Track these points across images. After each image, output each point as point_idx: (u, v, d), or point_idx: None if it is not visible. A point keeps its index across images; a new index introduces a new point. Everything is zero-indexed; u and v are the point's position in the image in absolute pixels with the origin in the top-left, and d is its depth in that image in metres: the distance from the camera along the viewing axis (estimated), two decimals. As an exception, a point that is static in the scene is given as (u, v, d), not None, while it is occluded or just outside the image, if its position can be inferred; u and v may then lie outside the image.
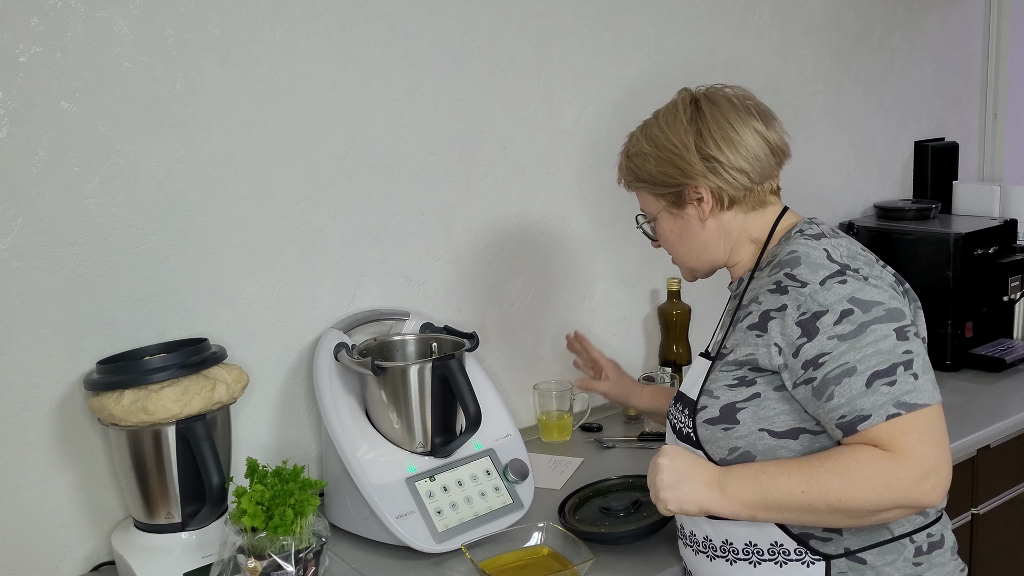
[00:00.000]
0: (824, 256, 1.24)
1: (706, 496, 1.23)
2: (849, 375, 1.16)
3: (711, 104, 1.34)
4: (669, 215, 1.40)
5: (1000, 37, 3.13)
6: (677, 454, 1.28)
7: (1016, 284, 2.47)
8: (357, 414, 1.65)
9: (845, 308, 1.18)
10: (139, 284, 1.57)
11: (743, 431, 1.26)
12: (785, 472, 1.19)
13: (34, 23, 1.43)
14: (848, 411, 1.17)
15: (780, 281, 1.24)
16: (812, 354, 1.19)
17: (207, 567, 1.45)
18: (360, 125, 1.79)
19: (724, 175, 1.32)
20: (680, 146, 1.34)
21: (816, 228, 1.33)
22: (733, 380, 1.28)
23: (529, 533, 1.53)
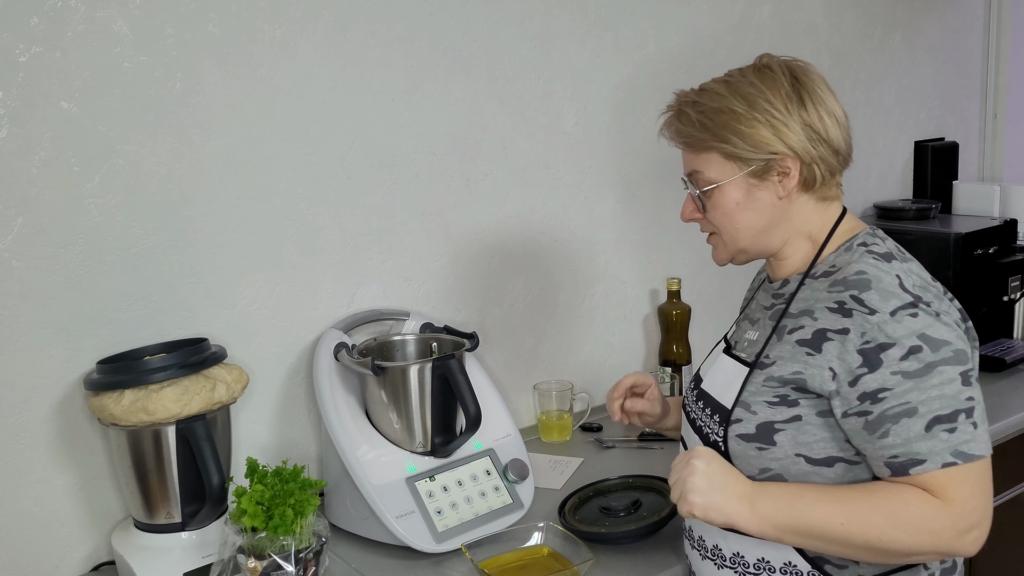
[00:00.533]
0: (896, 283, 1.16)
1: (735, 510, 1.16)
2: (909, 416, 1.11)
3: (808, 76, 1.25)
4: (743, 183, 1.25)
5: (1000, 37, 3.13)
6: (713, 459, 1.20)
7: (1016, 284, 2.47)
8: (357, 414, 1.65)
9: (914, 344, 1.12)
10: (139, 284, 1.57)
11: (778, 454, 1.20)
12: (825, 500, 1.14)
13: (34, 23, 1.43)
14: (902, 452, 1.12)
15: (844, 302, 1.16)
16: (872, 387, 1.13)
17: (207, 567, 1.45)
18: (360, 125, 1.79)
19: (821, 148, 1.23)
20: (782, 109, 1.21)
21: (883, 245, 1.24)
22: (774, 397, 1.21)
23: (529, 533, 1.53)
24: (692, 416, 1.36)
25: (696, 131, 1.26)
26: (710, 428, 1.29)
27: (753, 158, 1.23)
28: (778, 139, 1.22)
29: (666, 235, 2.31)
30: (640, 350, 2.32)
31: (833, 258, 1.26)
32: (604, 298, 2.23)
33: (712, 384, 1.33)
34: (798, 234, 1.29)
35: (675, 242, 2.33)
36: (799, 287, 1.27)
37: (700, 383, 1.38)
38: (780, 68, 1.25)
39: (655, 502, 1.63)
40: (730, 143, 1.23)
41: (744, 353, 1.31)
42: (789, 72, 1.25)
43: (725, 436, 1.25)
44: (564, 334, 2.17)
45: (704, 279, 2.40)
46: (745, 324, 1.38)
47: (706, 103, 1.26)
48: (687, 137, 1.29)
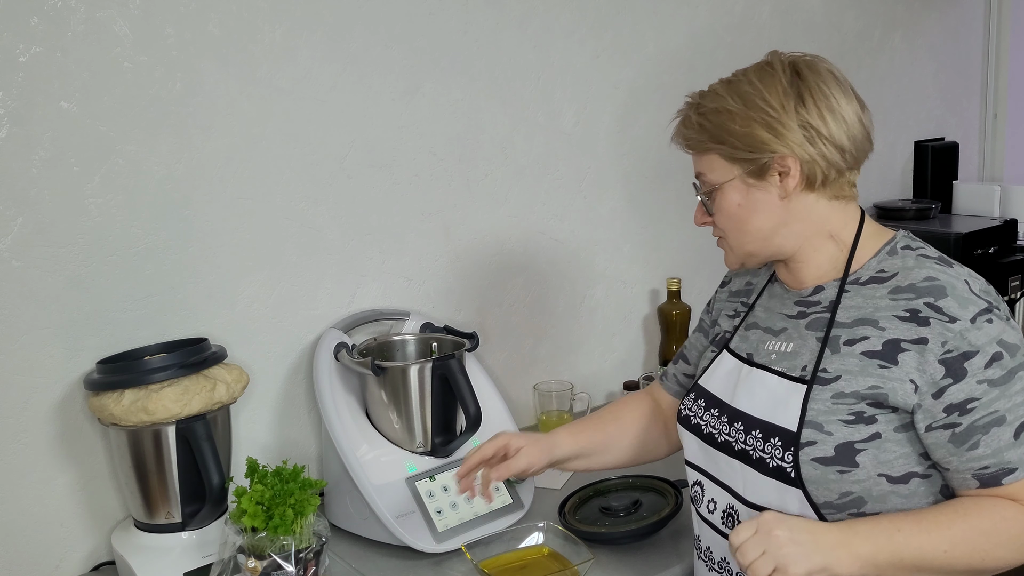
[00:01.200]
0: (967, 289, 1.13)
1: (835, 560, 1.08)
2: (998, 424, 1.09)
3: (813, 72, 1.21)
4: (742, 185, 1.22)
5: (1000, 37, 3.13)
6: (792, 522, 1.10)
7: (1016, 284, 2.47)
8: (357, 414, 1.65)
9: (996, 351, 1.10)
10: (139, 284, 1.57)
11: (861, 475, 1.14)
12: (924, 530, 1.10)
13: (34, 23, 1.43)
14: (993, 463, 1.10)
15: (918, 310, 1.13)
16: (960, 398, 1.10)
17: (207, 567, 1.45)
18: (360, 125, 1.79)
19: (821, 147, 1.18)
20: (778, 107, 1.18)
21: (931, 250, 1.21)
22: (849, 415, 1.15)
23: (529, 533, 1.53)
24: (723, 439, 1.27)
25: (696, 133, 1.25)
26: (766, 453, 1.20)
27: (750, 158, 1.20)
28: (774, 138, 1.18)
29: (666, 235, 2.31)
30: (640, 350, 2.32)
31: (876, 263, 1.21)
32: (604, 298, 2.23)
33: (750, 403, 1.25)
34: (816, 234, 1.23)
35: (675, 242, 2.33)
36: (840, 293, 1.22)
37: (726, 404, 1.29)
38: (781, 65, 1.22)
39: (655, 502, 1.63)
40: (727, 143, 1.21)
41: (782, 367, 1.24)
42: (791, 68, 1.21)
43: (796, 461, 1.16)
44: (564, 334, 2.17)
45: (704, 279, 2.40)
46: (758, 335, 1.31)
47: (706, 104, 1.24)
48: (688, 139, 1.27)
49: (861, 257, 1.23)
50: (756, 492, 1.22)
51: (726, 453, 1.26)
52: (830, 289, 1.23)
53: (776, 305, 1.31)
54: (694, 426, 1.33)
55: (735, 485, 1.26)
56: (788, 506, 1.18)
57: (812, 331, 1.22)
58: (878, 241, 1.23)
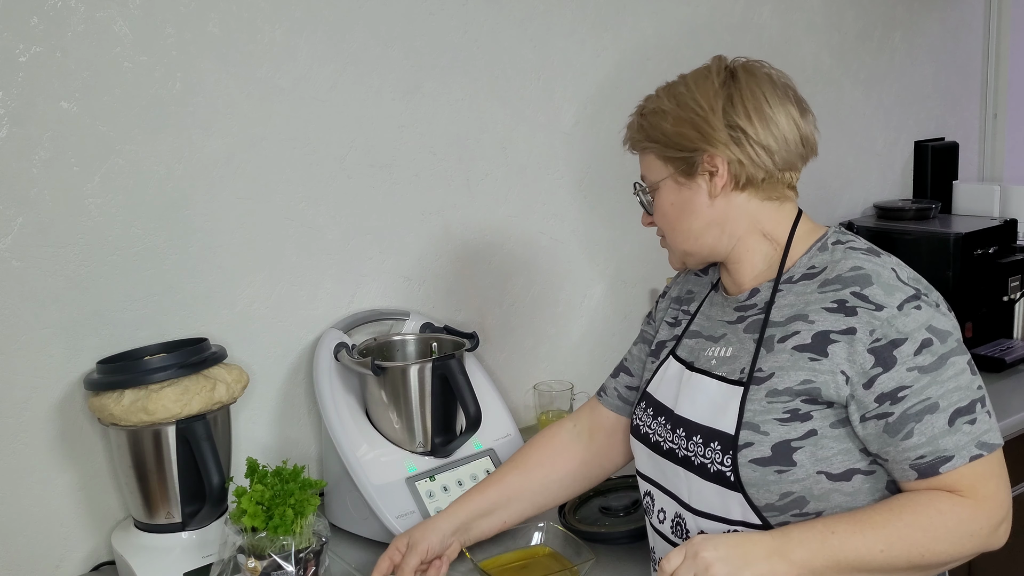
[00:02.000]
0: (894, 276, 1.14)
1: (769, 570, 1.07)
2: (931, 412, 1.09)
3: (749, 75, 1.22)
4: (675, 184, 1.25)
5: (1000, 37, 3.13)
6: (719, 542, 1.10)
7: (1016, 284, 2.47)
8: (357, 414, 1.65)
9: (925, 337, 1.10)
10: (139, 284, 1.57)
11: (800, 474, 1.13)
12: (859, 530, 1.09)
13: (34, 23, 1.43)
14: (929, 451, 1.09)
15: (845, 300, 1.13)
16: (890, 387, 1.10)
17: (207, 567, 1.45)
18: (360, 125, 1.79)
19: (747, 149, 1.19)
20: (706, 108, 1.20)
21: (861, 242, 1.22)
22: (784, 413, 1.14)
23: (529, 533, 1.53)
24: (668, 446, 1.26)
25: (636, 133, 1.29)
26: (708, 458, 1.19)
27: (680, 156, 1.23)
28: (701, 137, 1.20)
29: (666, 235, 2.31)
30: (640, 350, 2.32)
31: (807, 260, 1.22)
32: (604, 298, 2.23)
33: (691, 408, 1.24)
34: (749, 233, 1.24)
35: (675, 242, 2.33)
36: (774, 293, 1.22)
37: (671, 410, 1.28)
38: (717, 68, 1.24)
39: (655, 502, 1.63)
40: (660, 142, 1.24)
41: (724, 371, 1.23)
42: (727, 71, 1.23)
43: (735, 464, 1.15)
44: (564, 334, 2.17)
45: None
46: (699, 342, 1.30)
47: (647, 106, 1.28)
48: (631, 139, 1.31)
49: (794, 255, 1.23)
50: (700, 499, 1.22)
51: (671, 460, 1.26)
52: (765, 290, 1.24)
53: (716, 313, 1.31)
54: (643, 435, 1.33)
55: (680, 493, 1.25)
56: (731, 511, 1.18)
57: (749, 333, 1.23)
58: (811, 238, 1.24)
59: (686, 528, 1.25)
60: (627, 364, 1.49)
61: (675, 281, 1.46)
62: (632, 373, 1.47)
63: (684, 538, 1.25)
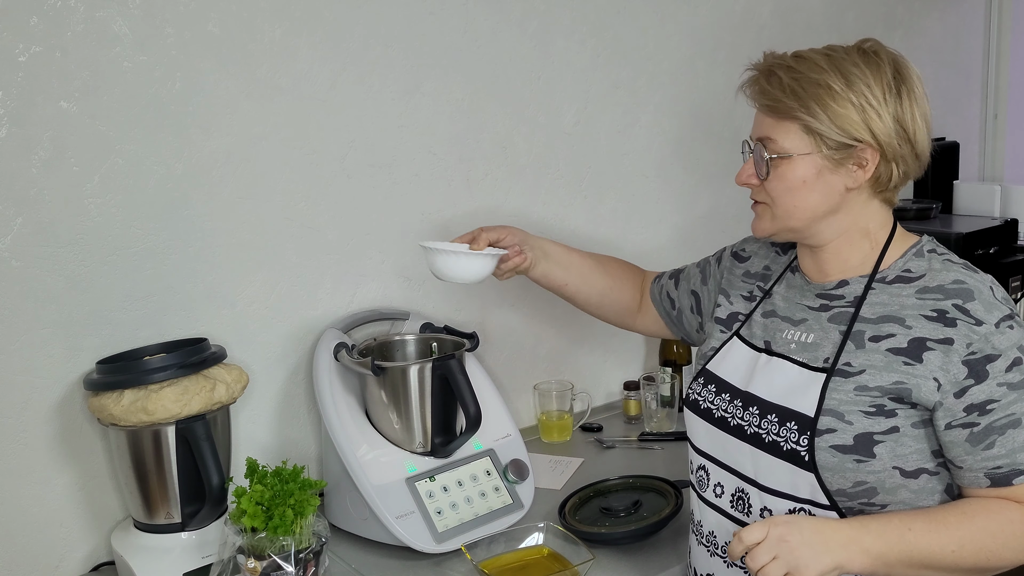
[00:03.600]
0: (991, 295, 1.17)
1: (847, 558, 1.10)
2: (1015, 427, 1.13)
3: (908, 72, 1.19)
4: (816, 162, 1.19)
5: (1000, 37, 3.13)
6: (802, 523, 1.12)
7: (1016, 284, 2.47)
8: (357, 414, 1.65)
9: (1016, 356, 1.14)
10: (139, 284, 1.57)
11: (877, 466, 1.16)
12: (934, 529, 1.13)
13: (34, 23, 1.43)
14: (1006, 463, 1.14)
15: (946, 311, 1.16)
16: (980, 399, 1.14)
17: (207, 567, 1.45)
18: (360, 125, 1.79)
19: (906, 156, 1.19)
20: (880, 98, 1.16)
21: (955, 256, 1.25)
22: (870, 407, 1.17)
23: (529, 533, 1.53)
24: (735, 422, 1.28)
25: (785, 96, 1.19)
26: (781, 436, 1.21)
27: (835, 139, 1.17)
28: (866, 126, 1.16)
29: (666, 235, 2.31)
30: (640, 350, 2.32)
31: (903, 263, 1.24)
32: (604, 298, 2.23)
33: (768, 389, 1.26)
34: (856, 229, 1.24)
35: (675, 242, 2.33)
36: (867, 290, 1.23)
37: (739, 388, 1.30)
38: (887, 56, 1.20)
39: (655, 502, 1.63)
40: (817, 118, 1.17)
41: (803, 357, 1.25)
42: (893, 63, 1.20)
43: (811, 446, 1.17)
44: (564, 334, 2.17)
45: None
46: (776, 323, 1.31)
47: (803, 71, 1.19)
48: (773, 100, 1.21)
49: (890, 257, 1.25)
50: (769, 475, 1.24)
51: (737, 437, 1.28)
52: (855, 284, 1.25)
53: (795, 295, 1.32)
54: (703, 411, 1.34)
55: (744, 469, 1.27)
56: (800, 489, 1.20)
57: (835, 324, 1.24)
58: (905, 243, 1.26)
59: (749, 503, 1.27)
60: (680, 277, 1.61)
61: (751, 251, 1.46)
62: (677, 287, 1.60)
63: (746, 513, 1.28)
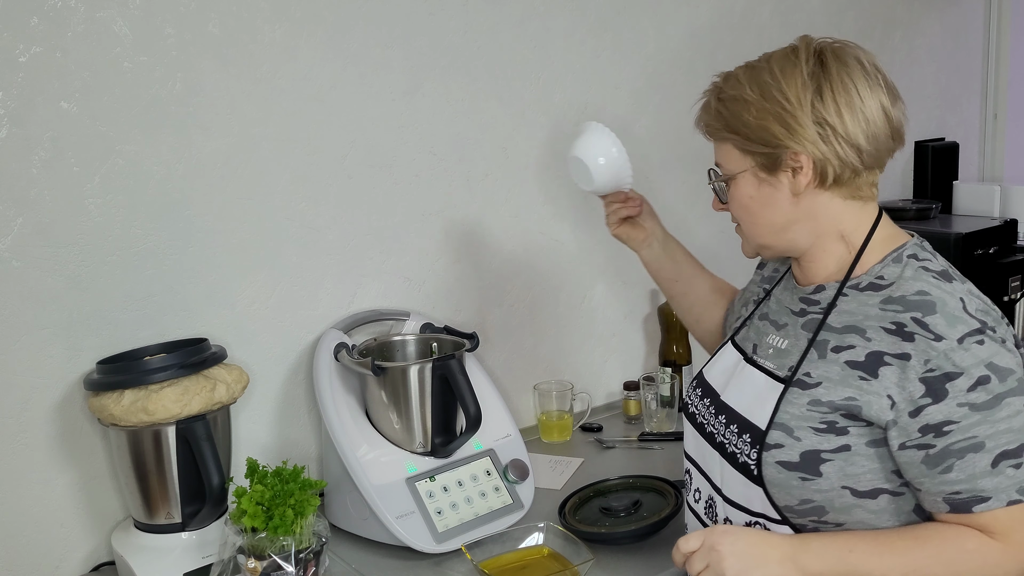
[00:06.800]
0: (961, 307, 1.08)
1: (779, 574, 1.08)
2: (975, 451, 1.05)
3: (839, 62, 1.14)
4: (754, 179, 1.19)
5: (1000, 37, 3.13)
6: (738, 537, 1.11)
7: (1016, 284, 2.47)
8: (357, 414, 1.65)
9: (982, 374, 1.05)
10: (139, 284, 1.57)
11: (824, 485, 1.12)
12: (879, 552, 1.08)
13: (34, 23, 1.43)
14: (965, 489, 1.06)
15: (904, 324, 1.09)
16: (937, 419, 1.06)
17: (207, 567, 1.45)
18: (360, 125, 1.79)
19: (835, 146, 1.13)
20: (794, 102, 1.13)
21: (936, 262, 1.16)
22: (821, 424, 1.12)
23: (529, 533, 1.53)
24: (709, 429, 1.28)
25: (714, 120, 1.21)
26: (738, 448, 1.20)
27: (762, 152, 1.16)
28: (788, 133, 1.14)
29: (666, 235, 2.31)
30: (640, 350, 2.32)
31: (880, 268, 1.17)
32: (604, 298, 2.23)
33: (737, 398, 1.24)
34: (828, 234, 1.20)
35: (675, 242, 2.33)
36: (837, 296, 1.18)
37: (718, 395, 1.29)
38: (807, 52, 1.16)
39: (655, 502, 1.63)
40: (741, 134, 1.18)
41: (772, 364, 1.23)
42: (817, 57, 1.15)
43: (759, 461, 1.16)
44: (564, 334, 2.17)
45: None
46: (765, 326, 1.30)
47: (726, 90, 1.20)
48: (707, 126, 1.23)
49: (867, 261, 1.19)
50: (729, 486, 1.23)
51: (710, 444, 1.28)
52: (830, 290, 1.20)
53: (786, 298, 1.29)
54: (691, 415, 1.35)
55: (715, 477, 1.27)
56: (753, 503, 1.18)
57: (805, 331, 1.21)
58: (888, 246, 1.19)
59: (715, 512, 1.27)
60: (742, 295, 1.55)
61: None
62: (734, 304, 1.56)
63: (714, 521, 1.27)
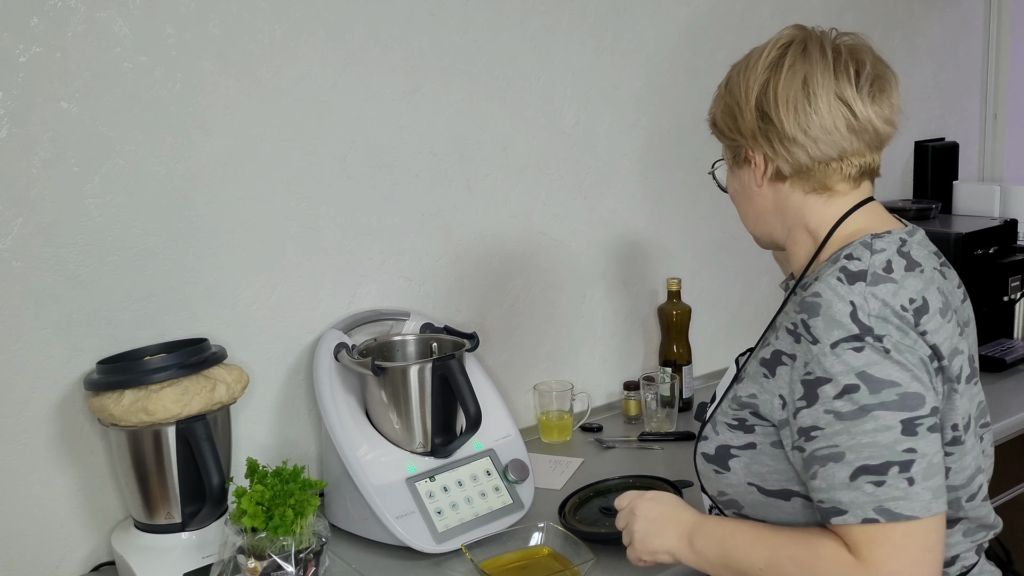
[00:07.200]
0: (848, 311, 1.04)
1: (676, 547, 1.19)
2: (836, 460, 1.02)
3: (800, 53, 1.13)
4: (729, 170, 1.24)
5: (1000, 37, 3.12)
6: (654, 501, 1.23)
7: (1016, 284, 2.47)
8: (357, 414, 1.65)
9: (851, 383, 1.02)
10: (139, 284, 1.57)
11: (732, 480, 1.17)
12: (751, 544, 1.11)
13: (34, 23, 1.43)
14: (826, 499, 1.04)
15: (796, 325, 1.08)
16: (807, 423, 1.05)
17: (207, 567, 1.45)
18: (360, 125, 1.79)
19: (775, 143, 1.13)
20: (743, 96, 1.14)
21: (864, 262, 1.09)
22: (733, 420, 1.16)
23: (529, 533, 1.53)
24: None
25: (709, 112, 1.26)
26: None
27: (727, 144, 1.22)
28: (735, 126, 1.17)
29: (666, 235, 2.31)
30: (640, 350, 2.32)
31: (827, 265, 1.13)
32: (604, 298, 2.23)
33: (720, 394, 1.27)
34: (796, 227, 1.19)
35: (675, 242, 2.33)
36: (790, 293, 1.17)
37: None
38: (774, 44, 1.16)
39: (655, 502, 1.63)
40: (716, 126, 1.23)
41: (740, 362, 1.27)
42: (783, 49, 1.15)
43: (695, 451, 1.23)
44: (564, 334, 2.17)
45: (704, 279, 2.40)
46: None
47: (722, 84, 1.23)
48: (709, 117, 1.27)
49: (823, 256, 1.17)
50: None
51: None
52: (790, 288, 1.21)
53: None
54: None
55: None
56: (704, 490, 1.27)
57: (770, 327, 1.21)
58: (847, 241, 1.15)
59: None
60: None
61: None
62: None
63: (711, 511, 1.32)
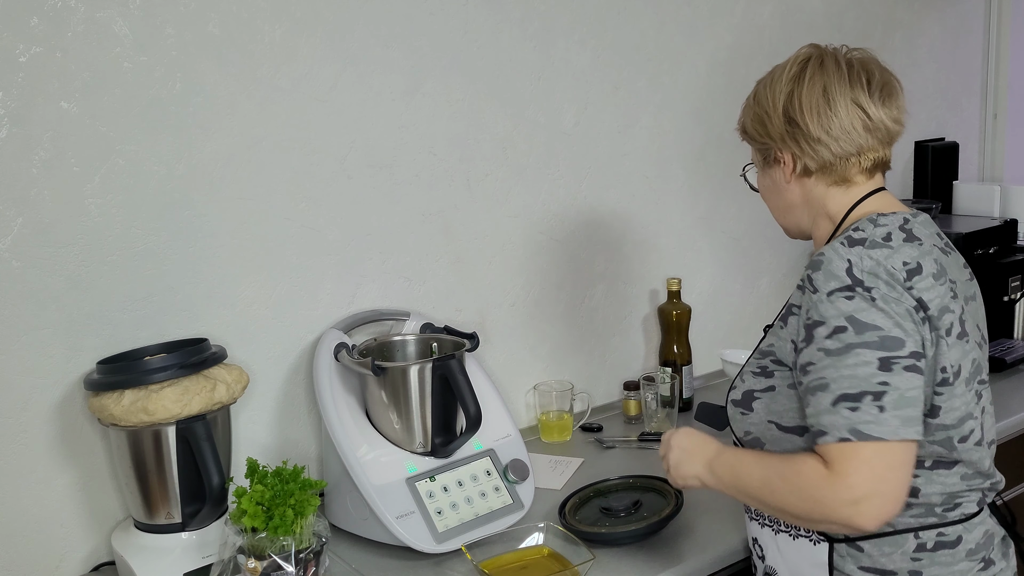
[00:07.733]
0: (844, 267, 1.22)
1: (701, 473, 1.37)
2: (822, 390, 1.19)
3: (819, 67, 1.32)
4: (760, 171, 1.42)
5: (1000, 37, 3.12)
6: (686, 435, 1.42)
7: (1016, 284, 2.47)
8: (357, 414, 1.65)
9: (839, 325, 1.19)
10: (139, 284, 1.57)
11: (755, 419, 1.34)
12: (752, 466, 1.29)
13: (34, 23, 1.43)
14: (814, 423, 1.20)
15: (803, 280, 1.27)
16: (804, 360, 1.23)
17: (207, 567, 1.45)
18: (360, 125, 1.79)
19: (802, 144, 1.32)
20: (770, 105, 1.34)
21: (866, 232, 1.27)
22: (757, 368, 1.34)
23: (529, 533, 1.53)
24: None
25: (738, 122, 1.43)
26: None
27: (758, 148, 1.39)
28: (765, 132, 1.35)
29: (666, 235, 2.31)
30: (640, 350, 2.32)
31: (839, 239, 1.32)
32: (604, 298, 2.23)
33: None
34: (819, 215, 1.37)
35: (675, 242, 2.33)
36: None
37: None
38: (794, 61, 1.34)
39: (655, 502, 1.63)
40: (746, 132, 1.40)
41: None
42: (802, 65, 1.33)
43: (727, 399, 1.40)
44: (564, 334, 2.17)
45: (704, 279, 2.40)
46: None
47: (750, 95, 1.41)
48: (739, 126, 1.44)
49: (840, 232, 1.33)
50: None
51: None
52: None
53: None
54: None
55: None
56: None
57: None
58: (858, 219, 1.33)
59: None
60: None
61: None
62: None
63: None
